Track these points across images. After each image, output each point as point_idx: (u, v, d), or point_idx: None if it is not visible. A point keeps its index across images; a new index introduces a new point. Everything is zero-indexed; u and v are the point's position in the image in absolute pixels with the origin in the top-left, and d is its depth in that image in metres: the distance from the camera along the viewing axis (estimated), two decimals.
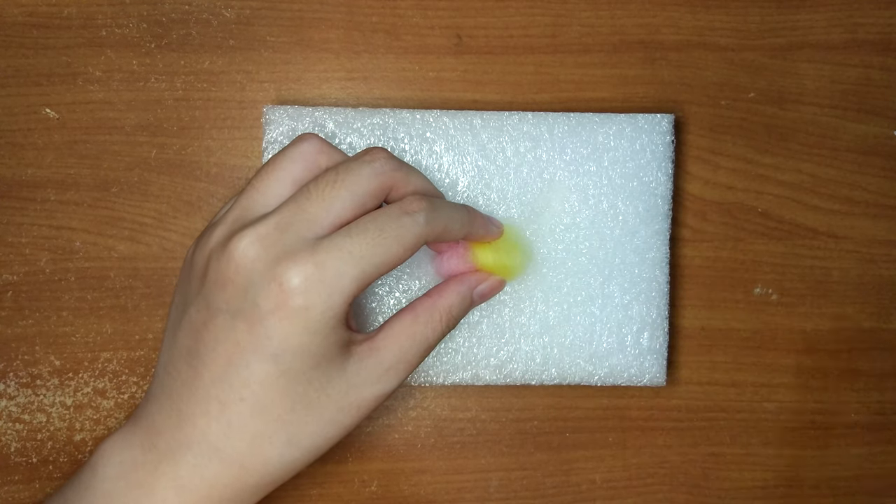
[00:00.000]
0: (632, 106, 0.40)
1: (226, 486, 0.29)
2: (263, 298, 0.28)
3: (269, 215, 0.29)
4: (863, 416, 0.41)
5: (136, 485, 0.29)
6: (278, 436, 0.29)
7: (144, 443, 0.30)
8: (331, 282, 0.28)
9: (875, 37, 0.41)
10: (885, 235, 0.41)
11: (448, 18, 0.40)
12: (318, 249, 0.28)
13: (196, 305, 0.30)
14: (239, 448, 0.29)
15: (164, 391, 0.30)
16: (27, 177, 0.38)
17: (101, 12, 0.39)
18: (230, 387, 0.29)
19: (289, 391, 0.29)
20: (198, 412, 0.29)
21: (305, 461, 0.30)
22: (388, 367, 0.31)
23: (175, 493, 0.29)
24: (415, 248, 0.30)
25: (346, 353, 0.30)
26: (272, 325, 0.28)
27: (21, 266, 0.38)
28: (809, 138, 0.41)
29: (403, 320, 0.32)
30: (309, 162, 0.31)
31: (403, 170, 0.32)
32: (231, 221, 0.31)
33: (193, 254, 0.31)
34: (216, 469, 0.29)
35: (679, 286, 0.41)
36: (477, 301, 0.36)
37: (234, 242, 0.29)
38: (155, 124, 0.39)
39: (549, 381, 0.38)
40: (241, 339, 0.29)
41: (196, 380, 0.29)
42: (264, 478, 0.30)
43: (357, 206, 0.30)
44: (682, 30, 0.40)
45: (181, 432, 0.29)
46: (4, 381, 0.38)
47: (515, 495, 0.40)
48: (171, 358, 0.31)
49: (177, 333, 0.31)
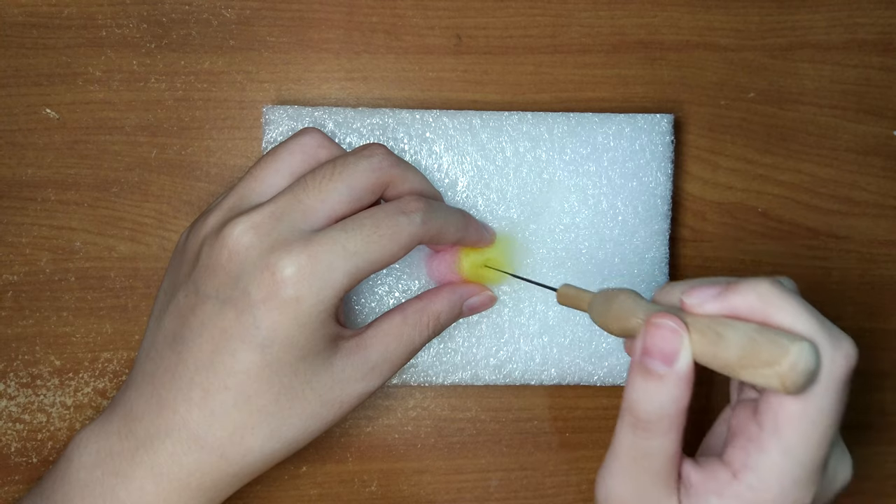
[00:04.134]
0: (632, 106, 0.40)
1: (204, 475, 0.29)
2: (255, 287, 0.28)
3: (265, 204, 0.29)
4: (863, 416, 0.41)
5: (112, 473, 0.29)
6: (261, 427, 0.29)
7: (122, 430, 0.29)
8: (323, 275, 0.28)
9: (875, 37, 0.41)
10: (885, 235, 0.41)
11: (448, 18, 0.40)
12: (313, 241, 0.28)
13: (185, 290, 0.30)
14: (220, 437, 0.29)
15: (144, 377, 0.30)
16: (27, 177, 0.38)
17: (101, 12, 0.39)
18: (215, 374, 0.28)
19: (274, 382, 0.29)
20: (179, 398, 0.29)
21: (285, 453, 0.30)
22: (373, 366, 0.31)
23: (153, 481, 0.29)
24: (409, 248, 0.30)
25: (333, 348, 0.30)
26: (261, 315, 0.28)
27: (21, 266, 0.38)
28: (809, 138, 0.41)
29: (392, 320, 0.32)
30: (308, 155, 0.31)
31: (401, 167, 0.32)
32: (226, 209, 0.30)
33: (186, 239, 0.31)
34: (195, 457, 0.29)
35: None
36: (466, 313, 0.36)
37: (228, 229, 0.29)
38: (155, 124, 0.39)
39: (548, 381, 0.38)
40: (229, 327, 0.28)
41: (180, 365, 0.29)
42: (244, 469, 0.30)
43: (353, 199, 0.30)
44: (682, 30, 0.40)
45: (161, 418, 0.29)
46: (4, 381, 0.38)
47: (515, 495, 0.40)
48: (154, 343, 0.30)
49: (162, 318, 0.30)
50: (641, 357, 0.27)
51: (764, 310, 0.26)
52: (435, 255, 0.37)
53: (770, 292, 0.26)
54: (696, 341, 0.26)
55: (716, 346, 0.26)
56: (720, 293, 0.27)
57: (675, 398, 0.27)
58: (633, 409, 0.27)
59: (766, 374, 0.24)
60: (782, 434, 0.26)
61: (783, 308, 0.26)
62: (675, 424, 0.27)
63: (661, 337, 0.27)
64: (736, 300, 0.26)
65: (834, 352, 0.25)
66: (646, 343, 0.27)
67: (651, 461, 0.28)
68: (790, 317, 0.26)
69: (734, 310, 0.26)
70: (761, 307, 0.26)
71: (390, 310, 0.33)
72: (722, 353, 0.26)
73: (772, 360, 0.24)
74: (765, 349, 0.25)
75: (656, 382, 0.27)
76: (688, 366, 0.26)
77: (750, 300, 0.26)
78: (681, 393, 0.27)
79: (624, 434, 0.28)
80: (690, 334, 0.26)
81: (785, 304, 0.26)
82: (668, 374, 0.26)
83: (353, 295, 0.37)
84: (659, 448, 0.27)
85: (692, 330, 0.26)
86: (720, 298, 0.27)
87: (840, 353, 0.26)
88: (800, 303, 0.26)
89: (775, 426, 0.26)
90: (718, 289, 0.27)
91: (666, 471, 0.28)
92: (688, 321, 0.27)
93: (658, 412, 0.27)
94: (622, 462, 0.28)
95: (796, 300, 0.26)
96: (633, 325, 0.28)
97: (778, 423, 0.26)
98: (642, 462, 0.28)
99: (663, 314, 0.27)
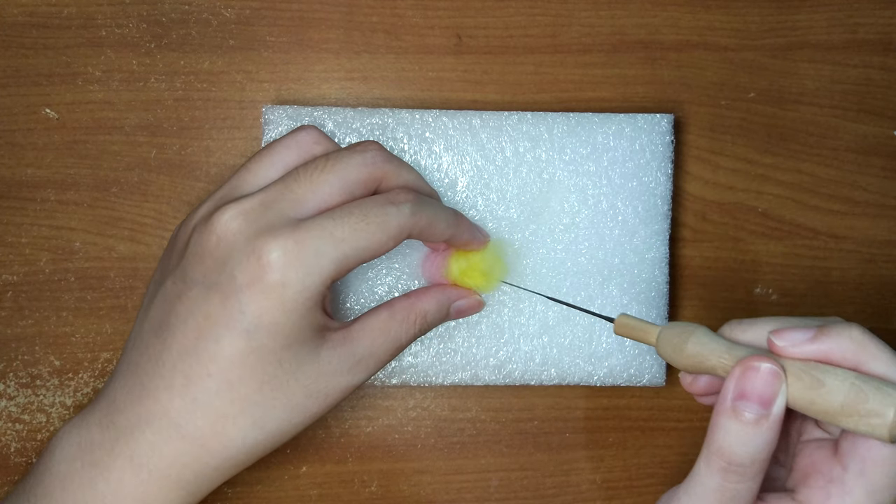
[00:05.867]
0: (632, 106, 0.40)
1: (185, 466, 0.28)
2: (241, 271, 0.28)
3: (256, 192, 0.29)
4: None
5: (92, 464, 0.28)
6: (243, 416, 0.29)
7: (103, 420, 0.29)
8: (309, 261, 0.28)
9: (875, 37, 0.41)
10: (885, 235, 0.41)
11: (448, 18, 0.40)
12: (300, 228, 0.28)
13: (173, 278, 0.30)
14: (201, 426, 0.28)
15: (129, 367, 0.30)
16: (27, 177, 0.38)
17: (101, 12, 0.39)
18: (198, 360, 0.28)
19: (258, 370, 0.28)
20: (161, 386, 0.28)
21: (268, 446, 0.30)
22: (359, 359, 0.31)
23: (132, 472, 0.28)
24: (398, 239, 0.30)
25: (319, 339, 0.30)
26: (246, 300, 0.28)
27: (21, 266, 0.38)
28: (809, 138, 0.41)
29: (380, 315, 0.32)
30: (303, 151, 0.31)
31: (394, 163, 0.32)
32: (218, 199, 0.31)
33: (178, 230, 0.31)
34: (176, 447, 0.28)
35: (679, 286, 0.41)
36: (453, 315, 0.36)
37: (218, 215, 0.29)
38: (155, 124, 0.39)
39: (548, 382, 0.38)
40: (214, 312, 0.28)
41: (164, 353, 0.29)
42: (226, 460, 0.29)
43: (344, 192, 0.30)
44: (682, 30, 0.40)
45: (142, 407, 0.28)
46: (4, 381, 0.38)
47: (515, 495, 0.40)
48: (140, 332, 0.30)
49: (150, 307, 0.30)
50: (735, 401, 0.27)
51: (857, 356, 0.26)
52: (428, 256, 0.37)
53: (864, 339, 0.26)
54: (793, 385, 0.26)
55: (815, 391, 0.26)
56: (814, 337, 0.27)
57: (769, 442, 0.27)
58: (725, 454, 0.27)
59: (872, 424, 0.25)
60: (869, 476, 0.26)
61: (877, 357, 0.26)
62: (765, 468, 0.27)
63: (761, 380, 0.26)
64: (830, 345, 0.26)
65: None
66: (742, 387, 0.26)
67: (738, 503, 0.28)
68: (884, 366, 0.26)
69: (827, 354, 0.26)
70: (853, 353, 0.26)
71: (378, 305, 0.33)
72: (821, 400, 0.25)
73: (880, 411, 0.24)
74: (872, 398, 0.25)
75: (752, 427, 0.26)
76: (782, 410, 0.26)
77: (844, 346, 0.26)
78: (774, 437, 0.27)
79: (710, 477, 0.27)
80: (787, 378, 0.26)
81: (879, 353, 0.26)
82: (764, 418, 0.26)
83: (353, 295, 0.37)
84: (748, 491, 0.27)
85: (787, 374, 0.26)
86: (814, 342, 0.26)
87: None
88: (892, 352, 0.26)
89: (862, 469, 0.26)
90: (811, 332, 0.27)
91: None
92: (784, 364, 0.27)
93: (752, 456, 0.27)
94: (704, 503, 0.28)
95: (889, 349, 0.26)
96: (714, 364, 0.28)
97: (865, 465, 0.26)
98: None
99: (760, 357, 0.27)
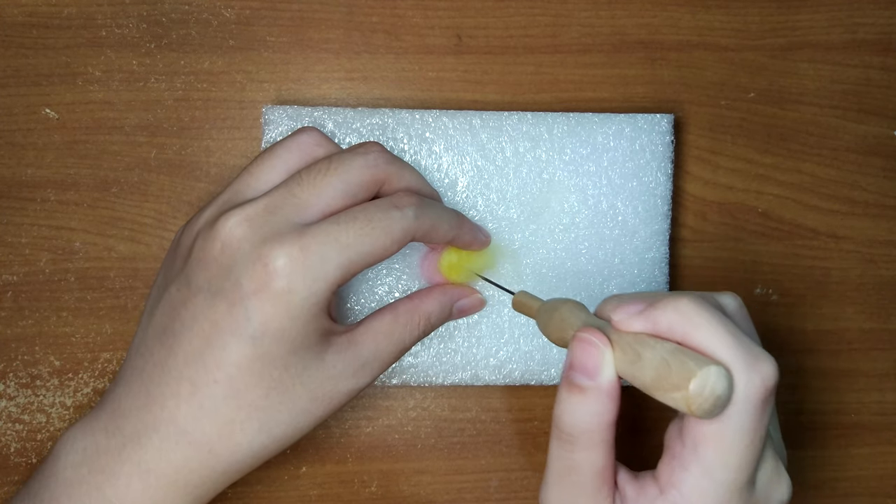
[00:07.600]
0: (632, 106, 0.40)
1: (192, 472, 0.29)
2: (247, 278, 0.28)
3: (259, 198, 0.29)
4: (863, 416, 0.41)
5: (99, 470, 0.28)
6: (250, 422, 0.29)
7: (109, 426, 0.29)
8: (315, 267, 0.28)
9: (875, 37, 0.41)
10: (885, 235, 0.41)
11: (448, 18, 0.40)
12: (306, 234, 0.28)
13: (177, 283, 0.29)
14: (208, 432, 0.28)
15: (134, 372, 0.30)
16: (27, 177, 0.38)
17: (101, 12, 0.39)
18: (204, 367, 0.28)
19: (264, 376, 0.28)
20: (168, 393, 0.28)
21: (275, 450, 0.30)
22: (363, 363, 0.31)
23: (139, 478, 0.28)
24: (402, 242, 0.30)
25: (324, 343, 0.30)
26: (253, 306, 0.28)
27: (21, 266, 0.38)
28: (809, 138, 0.41)
29: (384, 318, 0.32)
30: (305, 153, 0.31)
31: (397, 164, 0.32)
32: (221, 203, 0.30)
33: (181, 234, 0.31)
34: (183, 453, 0.28)
35: (679, 286, 0.41)
36: (456, 315, 0.36)
37: (222, 222, 0.29)
38: (155, 124, 0.39)
39: (548, 382, 0.38)
40: (220, 319, 0.28)
41: (169, 359, 0.29)
42: (232, 465, 0.29)
43: (348, 195, 0.30)
44: (682, 30, 0.40)
45: (149, 414, 0.28)
46: (4, 381, 0.38)
47: (515, 495, 0.40)
48: (144, 338, 0.30)
49: (154, 312, 0.30)
50: (567, 370, 0.27)
51: (683, 328, 0.25)
52: (427, 255, 0.37)
53: (690, 310, 0.26)
54: (619, 359, 0.26)
55: (634, 365, 0.26)
56: (643, 310, 0.26)
57: (598, 412, 0.27)
58: (558, 423, 0.27)
59: (675, 398, 0.24)
60: (701, 454, 0.26)
61: (701, 326, 0.25)
62: (601, 439, 0.27)
63: (585, 351, 0.27)
64: (658, 317, 0.26)
65: (750, 374, 0.25)
66: (572, 357, 0.27)
67: (578, 475, 0.28)
68: (707, 336, 0.25)
69: (656, 327, 0.26)
70: (681, 325, 0.26)
71: (381, 308, 0.33)
72: (638, 373, 0.25)
73: (679, 384, 0.24)
74: (674, 372, 0.24)
75: (579, 396, 0.27)
76: (609, 381, 0.26)
77: (670, 318, 0.26)
78: (603, 408, 0.27)
79: (552, 447, 0.28)
80: (615, 351, 0.26)
81: (703, 323, 0.25)
82: (591, 388, 0.26)
83: (353, 295, 0.37)
84: (584, 462, 0.27)
85: (616, 347, 0.26)
86: (643, 316, 0.26)
87: (756, 375, 0.25)
88: (718, 321, 0.25)
89: (694, 446, 0.26)
90: (642, 305, 0.27)
91: (594, 485, 0.28)
92: (613, 337, 0.27)
93: (581, 426, 0.27)
94: (553, 475, 0.29)
95: (715, 318, 0.25)
96: (568, 337, 0.28)
97: (696, 443, 0.26)
98: (570, 476, 0.28)
99: (588, 329, 0.27)
